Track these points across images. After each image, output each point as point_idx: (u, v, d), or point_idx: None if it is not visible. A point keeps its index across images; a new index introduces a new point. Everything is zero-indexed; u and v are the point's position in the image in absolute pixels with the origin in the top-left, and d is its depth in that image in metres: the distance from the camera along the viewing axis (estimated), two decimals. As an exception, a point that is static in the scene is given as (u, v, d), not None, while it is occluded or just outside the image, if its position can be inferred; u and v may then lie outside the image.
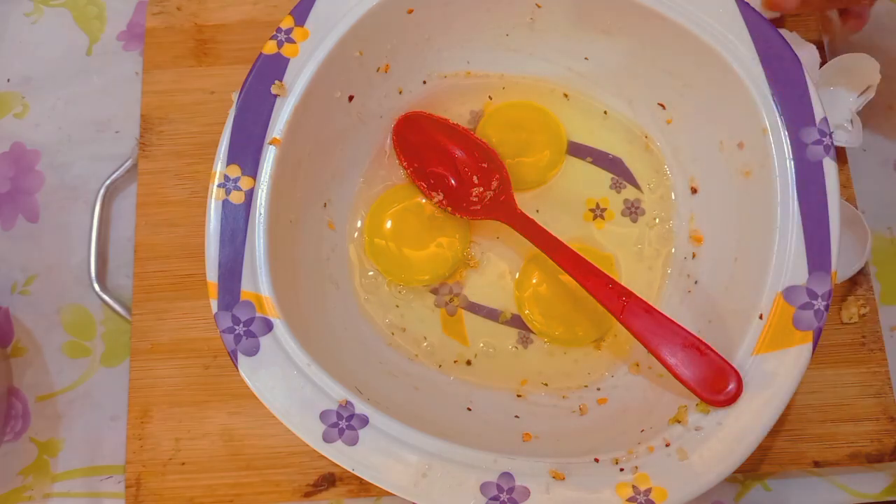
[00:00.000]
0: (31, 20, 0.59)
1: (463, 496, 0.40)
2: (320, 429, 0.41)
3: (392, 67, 0.51)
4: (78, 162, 0.56)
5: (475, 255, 0.51)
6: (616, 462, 0.41)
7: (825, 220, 0.43)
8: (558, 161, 0.53)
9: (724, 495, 0.50)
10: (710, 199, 0.50)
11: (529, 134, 0.53)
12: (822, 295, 0.42)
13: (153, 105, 0.55)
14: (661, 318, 0.44)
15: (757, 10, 0.46)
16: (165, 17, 0.57)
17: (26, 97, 0.57)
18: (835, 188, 0.43)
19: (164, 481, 0.49)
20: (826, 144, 0.44)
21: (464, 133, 0.52)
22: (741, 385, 0.41)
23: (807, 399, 0.50)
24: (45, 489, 0.51)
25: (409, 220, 0.51)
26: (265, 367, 0.42)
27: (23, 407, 0.52)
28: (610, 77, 0.53)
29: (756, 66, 0.45)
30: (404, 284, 0.51)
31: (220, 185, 0.44)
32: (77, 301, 0.54)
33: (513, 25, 0.52)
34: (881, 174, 0.55)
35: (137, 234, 0.53)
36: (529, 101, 0.54)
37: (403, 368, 0.49)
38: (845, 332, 0.51)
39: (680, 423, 0.42)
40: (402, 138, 0.52)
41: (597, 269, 0.46)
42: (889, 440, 0.49)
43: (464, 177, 0.51)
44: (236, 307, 0.43)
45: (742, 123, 0.46)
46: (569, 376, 0.49)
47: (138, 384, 0.51)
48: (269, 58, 0.46)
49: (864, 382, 0.50)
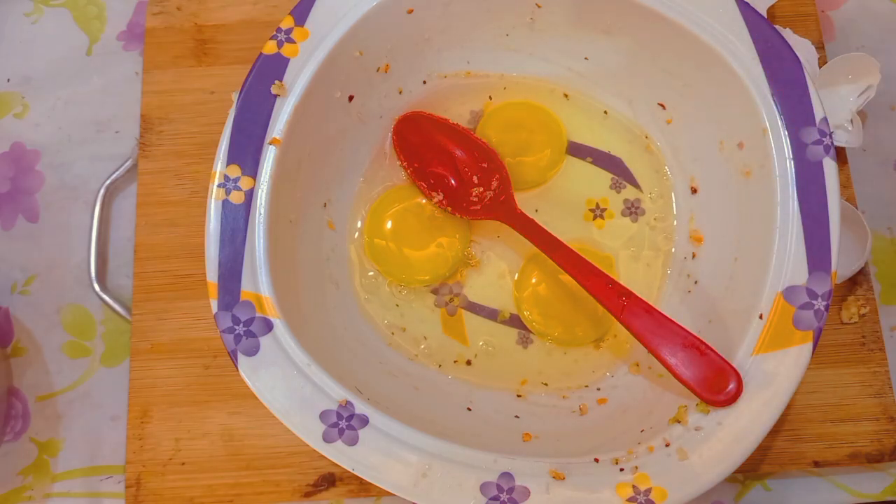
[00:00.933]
0: (31, 20, 0.59)
1: (463, 496, 0.40)
2: (320, 429, 0.41)
3: (392, 67, 0.51)
4: (78, 162, 0.56)
5: (476, 255, 0.51)
6: (616, 462, 0.41)
7: (825, 220, 0.43)
8: (559, 160, 0.53)
9: (724, 495, 0.50)
10: (710, 199, 0.50)
11: (529, 133, 0.53)
12: (822, 295, 0.42)
13: (153, 105, 0.55)
14: (661, 318, 0.44)
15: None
16: (165, 17, 0.57)
17: (26, 97, 0.57)
18: (835, 188, 0.43)
19: (164, 481, 0.49)
20: (826, 144, 0.44)
21: (464, 133, 0.52)
22: (741, 385, 0.41)
23: (807, 399, 0.50)
24: (45, 489, 0.51)
25: (409, 220, 0.51)
26: (265, 367, 0.42)
27: (23, 407, 0.52)
28: (610, 77, 0.53)
29: (756, 66, 0.45)
30: (405, 285, 0.51)
31: (220, 185, 0.44)
32: (77, 301, 0.54)
33: (513, 25, 0.52)
34: (881, 174, 0.55)
35: (137, 234, 0.53)
36: (529, 101, 0.54)
37: (403, 368, 0.49)
38: (845, 332, 0.51)
39: (680, 423, 0.42)
40: (402, 138, 0.52)
41: (597, 268, 0.46)
42: (889, 440, 0.49)
43: (464, 177, 0.51)
44: (236, 307, 0.43)
45: (742, 123, 0.46)
46: (569, 376, 0.49)
47: (138, 384, 0.51)
48: (269, 58, 0.46)
49: (864, 382, 0.50)
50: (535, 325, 0.50)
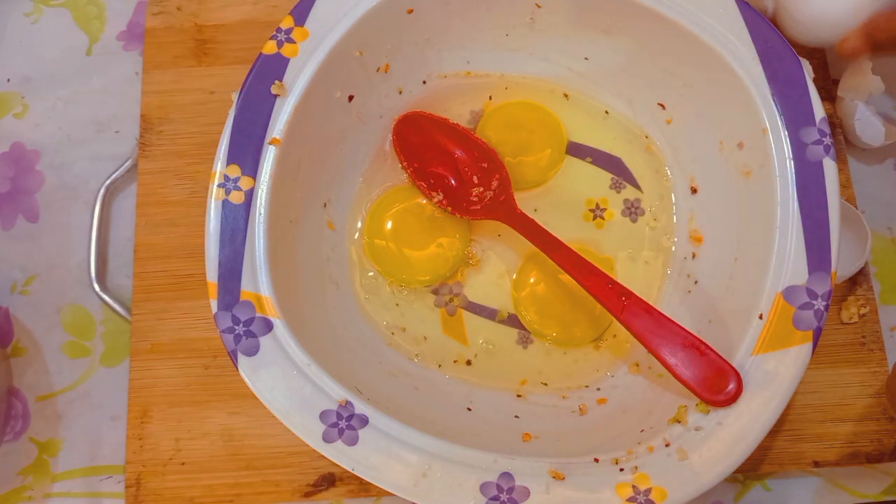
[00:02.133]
0: (31, 20, 0.59)
1: (463, 496, 0.40)
2: (320, 429, 0.41)
3: (392, 67, 0.51)
4: (78, 162, 0.56)
5: (476, 254, 0.51)
6: (616, 462, 0.41)
7: (825, 220, 0.43)
8: (559, 160, 0.53)
9: (724, 495, 0.50)
10: (710, 199, 0.50)
11: (529, 133, 0.53)
12: (822, 295, 0.42)
13: (153, 105, 0.55)
14: (661, 318, 0.44)
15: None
16: (165, 17, 0.57)
17: (26, 97, 0.57)
18: (835, 188, 0.44)
19: (164, 481, 0.49)
20: (826, 144, 0.44)
21: (464, 133, 0.52)
22: (741, 385, 0.41)
23: (807, 399, 0.50)
24: (45, 489, 0.51)
25: (409, 220, 0.51)
26: (265, 367, 0.42)
27: (23, 407, 0.52)
28: (610, 77, 0.53)
29: (756, 66, 0.45)
30: (405, 285, 0.51)
31: (220, 185, 0.44)
32: (77, 301, 0.54)
33: (513, 25, 0.52)
34: (881, 174, 0.55)
35: (137, 234, 0.53)
36: (529, 101, 0.54)
37: (403, 368, 0.49)
38: (845, 332, 0.51)
39: (680, 422, 0.42)
40: (402, 138, 0.52)
41: (597, 268, 0.46)
42: (889, 440, 0.49)
43: (464, 177, 0.51)
44: (236, 307, 0.43)
45: (742, 123, 0.46)
46: (569, 376, 0.49)
47: (138, 384, 0.51)
48: (269, 58, 0.46)
49: (864, 382, 0.50)
50: (532, 324, 0.50)
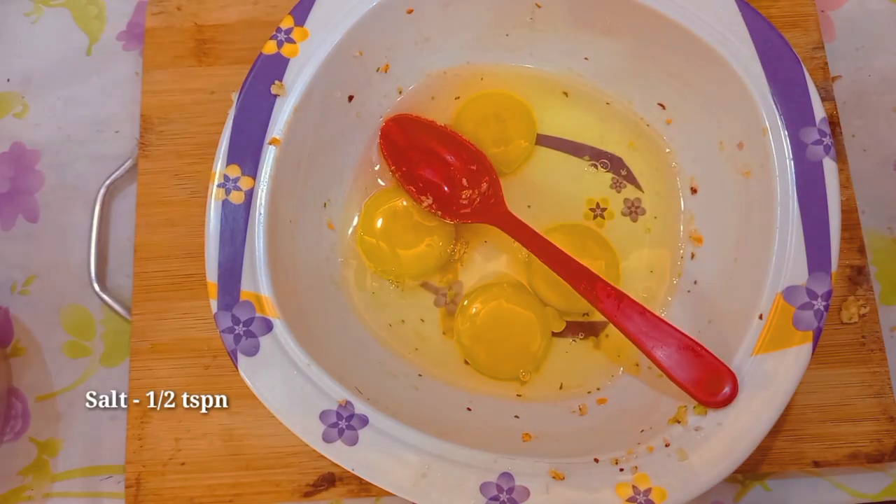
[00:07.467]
0: (31, 20, 0.59)
1: (463, 496, 0.40)
2: (320, 429, 0.41)
3: (392, 67, 0.51)
4: (78, 162, 0.56)
5: (474, 253, 0.51)
6: (616, 462, 0.41)
7: (825, 221, 0.43)
8: (531, 148, 0.53)
9: (723, 495, 0.50)
10: (710, 199, 0.50)
11: (504, 122, 0.53)
12: (822, 295, 0.42)
13: (153, 105, 0.55)
14: (655, 320, 0.44)
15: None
16: (165, 17, 0.57)
17: (26, 97, 0.57)
18: (835, 188, 0.44)
19: (163, 481, 0.49)
20: (826, 144, 0.44)
21: (452, 135, 0.52)
22: (737, 387, 0.41)
23: (807, 399, 0.50)
24: (45, 489, 0.51)
25: (399, 217, 0.51)
26: (265, 367, 0.42)
27: (23, 407, 0.52)
28: (610, 77, 0.53)
29: (756, 66, 0.45)
30: (395, 280, 0.51)
31: (220, 185, 0.44)
32: (77, 301, 0.54)
33: (513, 25, 0.52)
34: (881, 174, 0.55)
35: (137, 234, 0.53)
36: (499, 90, 0.53)
37: (403, 368, 0.49)
38: (845, 332, 0.51)
39: (679, 423, 0.42)
40: (389, 142, 0.52)
41: (589, 271, 0.46)
42: (889, 440, 0.49)
43: (453, 179, 0.51)
44: (236, 307, 0.43)
45: (742, 123, 0.46)
46: (569, 376, 0.49)
47: (138, 384, 0.51)
48: (269, 58, 0.46)
49: (863, 382, 0.50)
50: (463, 346, 0.49)
